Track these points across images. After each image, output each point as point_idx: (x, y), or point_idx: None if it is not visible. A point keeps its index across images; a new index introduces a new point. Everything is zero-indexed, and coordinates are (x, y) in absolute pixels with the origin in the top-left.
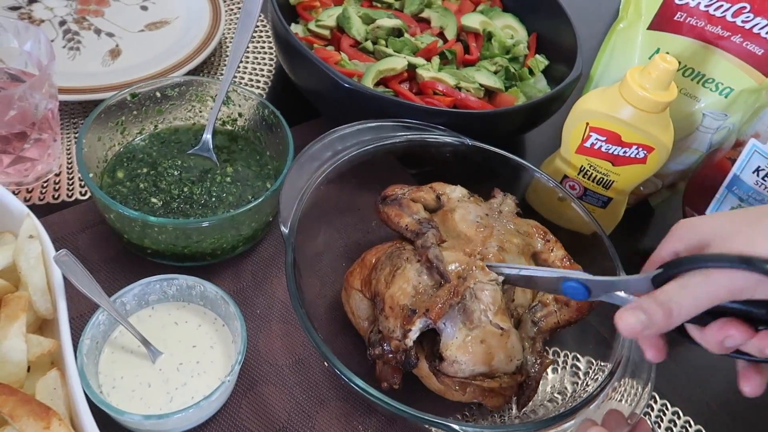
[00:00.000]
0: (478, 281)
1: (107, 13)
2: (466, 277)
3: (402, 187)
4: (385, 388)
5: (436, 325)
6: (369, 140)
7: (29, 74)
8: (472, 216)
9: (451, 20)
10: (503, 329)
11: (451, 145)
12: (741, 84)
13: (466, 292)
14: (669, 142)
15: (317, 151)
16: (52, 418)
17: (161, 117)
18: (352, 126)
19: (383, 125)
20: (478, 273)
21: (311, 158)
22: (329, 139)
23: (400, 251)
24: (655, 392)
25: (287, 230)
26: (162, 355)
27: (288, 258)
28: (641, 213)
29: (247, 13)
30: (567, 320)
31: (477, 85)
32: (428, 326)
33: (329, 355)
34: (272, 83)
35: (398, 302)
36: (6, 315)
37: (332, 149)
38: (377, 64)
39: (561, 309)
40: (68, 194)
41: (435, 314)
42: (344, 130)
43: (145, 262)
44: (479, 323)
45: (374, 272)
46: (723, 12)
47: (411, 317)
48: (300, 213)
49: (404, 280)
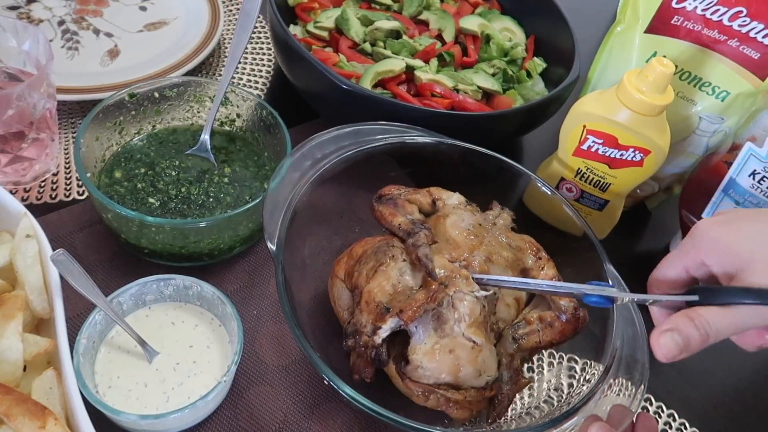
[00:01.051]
0: (458, 290)
1: (106, 13)
2: (448, 285)
3: (399, 187)
4: (356, 380)
5: (408, 327)
6: (348, 145)
7: (27, 74)
8: (465, 224)
9: (449, 23)
10: (475, 343)
11: (432, 145)
12: (737, 88)
13: (444, 299)
14: (666, 145)
15: (297, 160)
16: (48, 418)
17: (159, 117)
18: (329, 132)
19: (361, 129)
20: (460, 282)
21: (293, 168)
22: (307, 147)
23: (387, 247)
24: (650, 394)
25: (275, 247)
26: (159, 355)
27: (278, 278)
28: (638, 215)
29: (245, 14)
30: (549, 341)
31: (475, 88)
32: (400, 327)
33: (324, 368)
34: (270, 84)
35: (374, 298)
36: (3, 314)
37: (312, 158)
38: (375, 66)
39: (544, 329)
40: (66, 194)
41: (407, 316)
42: (322, 137)
43: (141, 262)
44: (451, 333)
45: (358, 264)
46: (720, 16)
47: (383, 315)
48: (286, 226)
49: (385, 278)
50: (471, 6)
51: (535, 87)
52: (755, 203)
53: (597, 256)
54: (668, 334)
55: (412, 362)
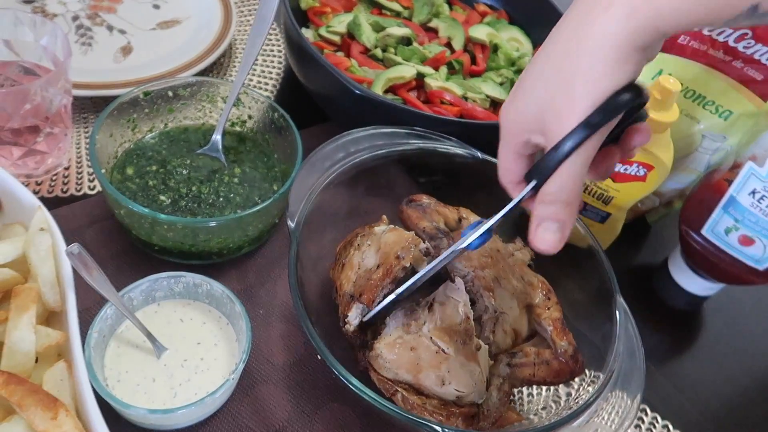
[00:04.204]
0: (447, 292)
1: (120, 10)
2: (404, 257)
3: (430, 197)
4: (361, 368)
5: (370, 309)
6: (381, 145)
7: (43, 68)
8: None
9: (458, 31)
10: (441, 349)
11: (462, 156)
12: (740, 108)
13: (430, 297)
14: (669, 161)
15: (330, 151)
16: (59, 409)
17: (172, 116)
18: (366, 130)
19: (396, 132)
20: (453, 286)
21: (324, 158)
22: (342, 141)
23: (352, 238)
24: (645, 405)
25: (294, 225)
26: (167, 351)
27: (292, 251)
28: (638, 229)
29: (261, 18)
30: (543, 378)
31: (483, 96)
32: (365, 312)
33: (322, 347)
34: (281, 85)
35: (343, 289)
36: (16, 306)
37: (345, 151)
38: (387, 72)
39: (540, 365)
40: (77, 188)
41: (366, 298)
42: (358, 133)
43: (151, 259)
44: (417, 331)
45: (336, 263)
46: (725, 37)
47: (350, 303)
48: (308, 210)
49: (349, 267)
50: (479, 15)
51: None
52: (754, 221)
53: (604, 271)
54: (540, 229)
55: (374, 350)
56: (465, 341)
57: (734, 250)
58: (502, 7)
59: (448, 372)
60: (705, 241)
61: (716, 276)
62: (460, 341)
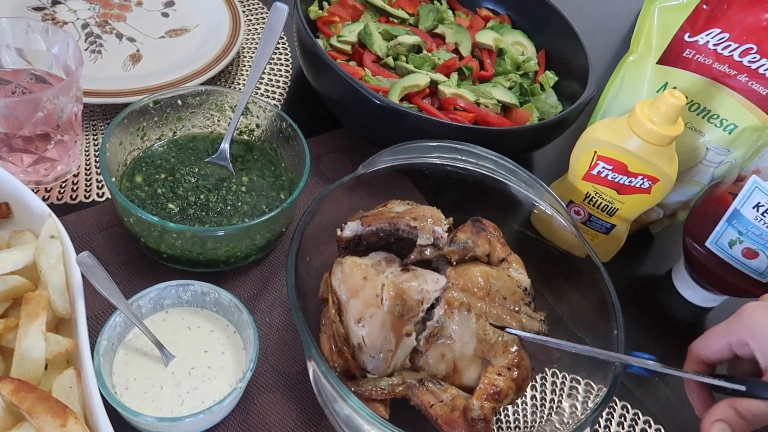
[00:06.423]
0: (428, 275)
1: (129, 18)
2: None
3: (497, 228)
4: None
5: (364, 228)
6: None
7: (55, 76)
8: (485, 278)
9: (465, 37)
10: (381, 297)
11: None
12: (745, 121)
13: (411, 264)
14: (674, 174)
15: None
16: (69, 417)
17: (180, 124)
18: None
19: (443, 146)
20: (436, 277)
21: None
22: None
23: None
24: (649, 417)
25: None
26: (174, 359)
27: (296, 235)
28: (641, 240)
29: (270, 29)
30: (434, 415)
31: (494, 101)
32: (359, 230)
33: (314, 351)
34: (288, 93)
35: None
36: (27, 313)
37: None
38: (402, 81)
39: (444, 405)
40: (86, 195)
41: (366, 221)
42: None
43: (158, 266)
44: (381, 272)
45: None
46: (730, 51)
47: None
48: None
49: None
50: (483, 20)
51: (549, 100)
52: (758, 234)
53: (601, 279)
54: (719, 425)
55: (343, 259)
56: (402, 314)
57: (738, 262)
58: (504, 12)
59: (370, 317)
60: (709, 254)
61: (719, 288)
62: (399, 309)
